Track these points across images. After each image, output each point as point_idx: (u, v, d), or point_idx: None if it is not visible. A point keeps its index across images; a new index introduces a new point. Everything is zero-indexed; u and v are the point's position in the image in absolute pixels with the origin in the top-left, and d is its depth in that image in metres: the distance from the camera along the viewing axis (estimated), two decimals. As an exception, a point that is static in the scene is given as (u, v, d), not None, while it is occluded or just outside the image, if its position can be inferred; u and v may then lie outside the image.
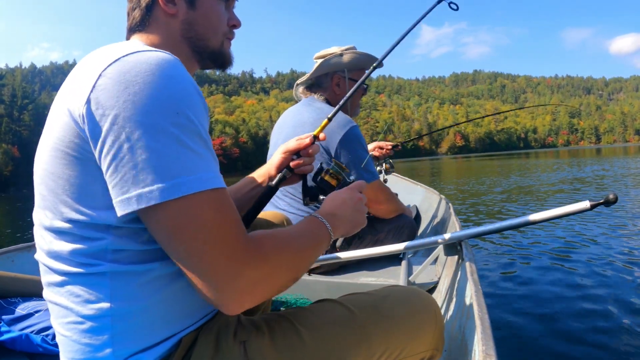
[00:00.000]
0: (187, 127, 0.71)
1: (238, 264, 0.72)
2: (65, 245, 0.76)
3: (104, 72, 0.71)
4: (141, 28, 0.97)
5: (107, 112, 0.69)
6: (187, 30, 0.97)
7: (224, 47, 1.05)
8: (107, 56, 0.75)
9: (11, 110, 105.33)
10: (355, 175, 2.09)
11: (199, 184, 0.70)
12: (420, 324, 1.00)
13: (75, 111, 0.72)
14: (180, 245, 0.70)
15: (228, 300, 0.72)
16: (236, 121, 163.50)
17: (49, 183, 0.77)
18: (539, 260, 4.01)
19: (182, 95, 0.72)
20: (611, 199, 1.40)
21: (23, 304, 1.40)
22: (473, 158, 74.14)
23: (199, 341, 0.83)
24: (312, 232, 0.92)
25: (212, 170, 0.73)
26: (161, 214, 0.69)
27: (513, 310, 2.78)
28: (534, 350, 2.24)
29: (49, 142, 0.77)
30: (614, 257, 3.99)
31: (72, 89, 0.75)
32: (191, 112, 0.73)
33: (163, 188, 0.68)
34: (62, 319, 0.79)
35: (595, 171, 15.47)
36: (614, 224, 5.47)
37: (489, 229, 1.69)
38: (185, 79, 0.75)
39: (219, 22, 1.02)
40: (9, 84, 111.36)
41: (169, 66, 0.74)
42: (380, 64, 2.31)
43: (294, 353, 0.86)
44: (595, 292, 3.07)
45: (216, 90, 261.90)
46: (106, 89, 0.70)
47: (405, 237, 2.27)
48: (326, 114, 2.13)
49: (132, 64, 0.72)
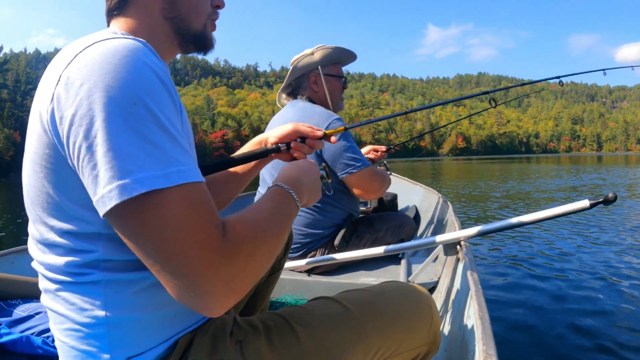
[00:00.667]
0: (146, 119, 0.65)
1: (210, 262, 0.64)
2: (57, 258, 0.75)
3: (63, 73, 0.68)
4: (118, 12, 0.89)
5: (67, 112, 0.65)
6: (169, 10, 0.90)
7: (207, 29, 0.97)
8: (71, 51, 0.71)
9: (14, 95, 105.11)
10: (345, 165, 2.11)
11: (162, 180, 0.63)
12: (417, 319, 1.00)
13: (44, 119, 0.69)
14: (148, 247, 0.64)
15: (207, 302, 0.66)
16: (239, 114, 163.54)
17: (33, 197, 0.76)
18: (539, 260, 4.03)
19: (143, 84, 0.66)
20: (610, 198, 1.41)
21: (23, 305, 1.40)
22: (475, 161, 74.06)
23: (195, 342, 0.82)
24: (282, 207, 0.84)
25: (179, 163, 0.66)
26: (125, 214, 0.64)
27: (513, 309, 2.80)
28: (534, 350, 2.25)
29: (28, 155, 0.76)
30: (614, 257, 4.01)
31: (40, 95, 0.72)
32: (152, 102, 0.66)
33: (121, 186, 0.62)
34: (59, 325, 0.78)
35: (593, 179, 15.48)
36: (614, 225, 5.49)
37: (488, 229, 1.69)
38: (146, 64, 0.69)
39: (203, 2, 0.95)
40: (13, 68, 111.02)
41: (129, 53, 0.68)
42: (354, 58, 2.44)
43: (291, 351, 0.85)
44: (595, 292, 3.09)
45: (220, 82, 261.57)
46: (65, 89, 0.66)
47: (405, 236, 2.28)
48: (309, 111, 2.16)
49: (87, 58, 0.67)
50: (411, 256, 2.43)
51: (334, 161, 2.10)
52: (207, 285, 0.64)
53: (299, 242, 2.19)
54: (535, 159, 77.92)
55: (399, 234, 2.28)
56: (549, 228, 5.44)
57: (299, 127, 1.23)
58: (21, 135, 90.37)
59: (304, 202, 0.94)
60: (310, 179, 0.97)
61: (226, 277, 0.66)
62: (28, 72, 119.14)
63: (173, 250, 0.63)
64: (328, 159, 2.10)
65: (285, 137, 1.23)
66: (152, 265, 0.65)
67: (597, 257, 4.07)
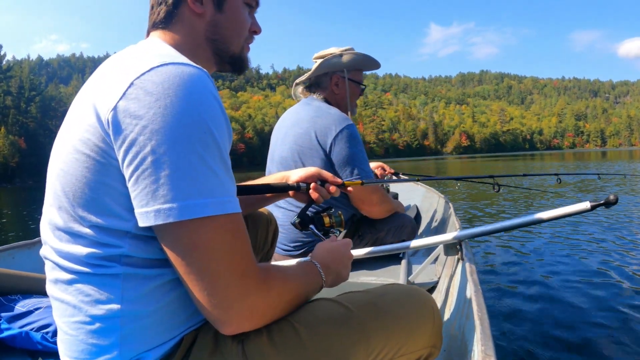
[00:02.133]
0: (211, 147, 0.72)
1: (246, 288, 0.74)
2: (80, 248, 0.76)
3: (136, 81, 0.72)
4: (164, 25, 0.95)
5: (135, 121, 0.69)
6: (212, 32, 0.97)
7: (244, 52, 1.05)
8: (139, 63, 0.75)
9: (18, 102, 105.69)
10: (350, 173, 2.10)
11: (217, 207, 0.71)
12: (419, 322, 1.00)
13: (102, 114, 0.72)
14: (193, 264, 0.72)
15: (230, 320, 0.75)
16: (242, 117, 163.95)
17: (65, 183, 0.76)
18: (539, 261, 4.02)
19: (211, 114, 0.73)
20: (611, 199, 1.40)
21: (23, 301, 1.40)
22: (479, 159, 73.99)
23: (198, 340, 0.83)
24: (310, 278, 0.96)
25: (231, 194, 0.75)
26: (177, 232, 0.70)
27: (513, 310, 2.79)
28: (533, 350, 2.24)
29: (69, 141, 0.77)
30: (615, 257, 3.99)
31: (101, 90, 0.75)
32: (217, 132, 0.73)
33: (182, 207, 0.69)
34: (68, 318, 0.78)
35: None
36: (614, 226, 5.47)
37: (489, 229, 1.68)
38: (214, 97, 0.75)
39: (243, 27, 1.02)
40: (16, 75, 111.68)
41: (201, 83, 0.74)
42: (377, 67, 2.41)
43: (292, 351, 0.85)
44: (595, 292, 3.08)
45: (222, 85, 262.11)
46: (137, 98, 0.70)
47: (405, 237, 2.28)
48: (324, 112, 2.15)
49: (164, 75, 0.72)
50: (411, 256, 2.43)
51: (342, 166, 2.10)
52: (236, 306, 0.74)
53: (301, 240, 2.19)
54: (540, 155, 77.89)
55: (400, 234, 2.28)
56: (550, 228, 5.43)
57: (322, 172, 1.33)
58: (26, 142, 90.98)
59: (328, 284, 1.03)
60: (340, 267, 1.07)
61: (253, 306, 0.76)
62: (32, 79, 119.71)
63: (216, 272, 0.72)
64: (336, 163, 2.11)
65: (307, 178, 1.31)
66: (190, 279, 0.73)
67: (597, 257, 4.05)
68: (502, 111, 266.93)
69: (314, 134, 2.11)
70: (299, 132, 2.16)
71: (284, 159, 2.20)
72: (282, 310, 0.84)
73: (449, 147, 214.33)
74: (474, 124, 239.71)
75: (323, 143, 2.10)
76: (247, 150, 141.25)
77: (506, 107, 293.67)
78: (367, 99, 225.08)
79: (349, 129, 2.10)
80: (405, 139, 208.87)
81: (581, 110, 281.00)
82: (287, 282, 0.85)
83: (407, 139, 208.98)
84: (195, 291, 0.74)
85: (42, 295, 1.43)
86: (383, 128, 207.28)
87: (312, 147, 2.11)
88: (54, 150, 0.82)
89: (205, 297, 0.73)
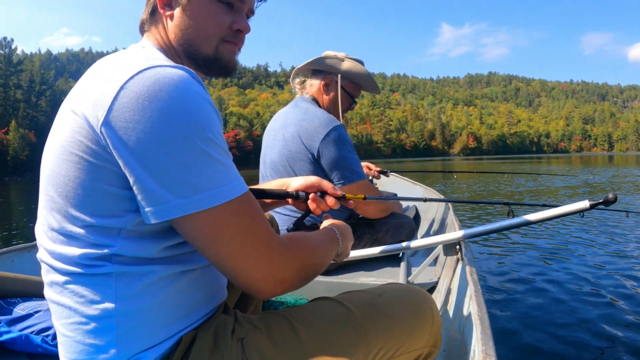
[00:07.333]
0: (212, 141, 0.74)
1: (272, 259, 0.79)
2: (73, 249, 0.76)
3: (126, 85, 0.71)
4: (148, 27, 0.96)
5: (132, 125, 0.70)
6: (179, 34, 0.93)
7: (220, 52, 0.96)
8: (126, 68, 0.75)
9: (29, 95, 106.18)
10: (341, 176, 2.09)
11: (231, 192, 0.75)
12: (418, 321, 1.00)
13: (91, 118, 0.72)
14: (221, 249, 0.76)
15: (264, 289, 0.80)
16: (250, 114, 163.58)
17: (57, 185, 0.76)
18: (538, 260, 4.03)
19: (205, 111, 0.75)
20: (610, 198, 1.41)
21: (23, 304, 1.39)
22: (485, 161, 73.63)
23: (197, 339, 0.83)
24: (330, 244, 1.03)
25: (237, 177, 0.78)
26: (200, 222, 0.74)
27: (512, 310, 2.80)
28: (533, 350, 2.25)
29: (58, 143, 0.77)
30: (614, 257, 4.00)
31: (87, 95, 0.75)
32: (213, 126, 0.76)
33: (198, 199, 0.72)
34: (65, 320, 0.79)
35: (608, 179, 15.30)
36: (614, 226, 5.47)
37: (488, 229, 1.69)
38: (204, 94, 0.77)
39: (212, 26, 0.93)
40: (27, 69, 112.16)
41: (190, 82, 0.75)
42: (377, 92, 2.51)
43: (292, 350, 0.86)
44: (595, 292, 3.08)
45: (230, 82, 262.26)
46: (130, 102, 0.70)
47: (404, 237, 2.27)
48: (311, 114, 2.14)
49: (153, 78, 0.72)
50: (411, 256, 2.44)
51: (331, 169, 2.09)
52: (268, 278, 0.80)
53: None
54: (546, 159, 77.28)
55: (399, 234, 2.28)
56: (550, 228, 5.43)
57: (322, 182, 1.31)
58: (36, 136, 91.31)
59: (340, 253, 1.09)
60: (348, 242, 1.14)
61: (282, 272, 0.82)
62: (42, 72, 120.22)
63: (244, 253, 0.77)
64: (326, 166, 2.10)
65: (306, 188, 1.30)
66: (222, 265, 0.78)
67: (598, 257, 4.05)
68: (510, 113, 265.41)
69: (300, 139, 2.10)
70: (287, 136, 2.16)
71: (274, 163, 2.20)
72: (305, 274, 0.87)
73: (456, 148, 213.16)
74: (482, 126, 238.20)
75: (310, 147, 2.08)
76: (255, 147, 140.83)
77: (514, 109, 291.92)
78: (375, 99, 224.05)
79: (336, 130, 2.09)
80: (413, 139, 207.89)
81: (589, 114, 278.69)
82: (308, 247, 0.90)
83: (414, 139, 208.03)
84: (228, 274, 0.80)
85: (42, 298, 1.43)
86: (390, 128, 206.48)
87: (300, 152, 2.10)
88: (45, 152, 0.81)
89: (239, 277, 0.78)
